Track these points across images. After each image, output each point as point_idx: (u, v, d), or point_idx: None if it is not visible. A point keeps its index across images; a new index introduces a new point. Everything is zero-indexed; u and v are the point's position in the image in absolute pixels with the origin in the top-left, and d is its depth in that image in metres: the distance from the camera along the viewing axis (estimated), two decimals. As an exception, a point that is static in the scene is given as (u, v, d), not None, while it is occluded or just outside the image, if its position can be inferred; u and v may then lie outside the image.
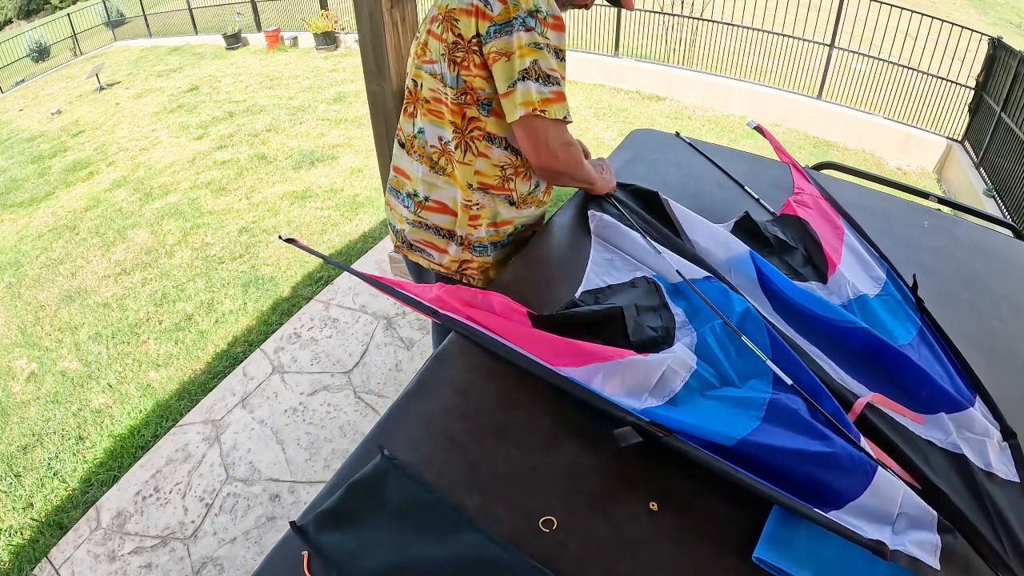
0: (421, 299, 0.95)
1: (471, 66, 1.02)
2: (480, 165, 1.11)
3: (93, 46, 13.94)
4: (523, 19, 0.96)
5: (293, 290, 3.38)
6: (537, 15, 0.97)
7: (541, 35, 0.97)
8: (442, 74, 1.05)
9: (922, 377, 0.89)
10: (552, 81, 0.98)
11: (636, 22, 7.56)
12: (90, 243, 4.55)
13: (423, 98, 1.11)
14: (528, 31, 0.96)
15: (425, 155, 1.14)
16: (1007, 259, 1.30)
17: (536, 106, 0.97)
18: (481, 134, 1.08)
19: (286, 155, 5.59)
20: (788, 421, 0.78)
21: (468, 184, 1.12)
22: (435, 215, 1.18)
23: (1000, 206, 4.93)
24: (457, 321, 0.93)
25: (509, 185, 1.15)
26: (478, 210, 1.15)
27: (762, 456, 0.74)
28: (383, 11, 2.06)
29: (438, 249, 1.21)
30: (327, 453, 2.16)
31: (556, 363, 0.86)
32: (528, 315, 0.94)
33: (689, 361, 0.87)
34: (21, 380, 3.19)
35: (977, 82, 5.75)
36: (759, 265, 1.07)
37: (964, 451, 0.81)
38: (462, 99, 1.05)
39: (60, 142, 7.39)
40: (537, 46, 0.97)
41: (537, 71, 0.97)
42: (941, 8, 10.95)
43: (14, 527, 2.21)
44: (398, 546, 0.68)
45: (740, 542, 0.69)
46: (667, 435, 0.75)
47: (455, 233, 1.17)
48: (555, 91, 0.98)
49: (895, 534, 0.68)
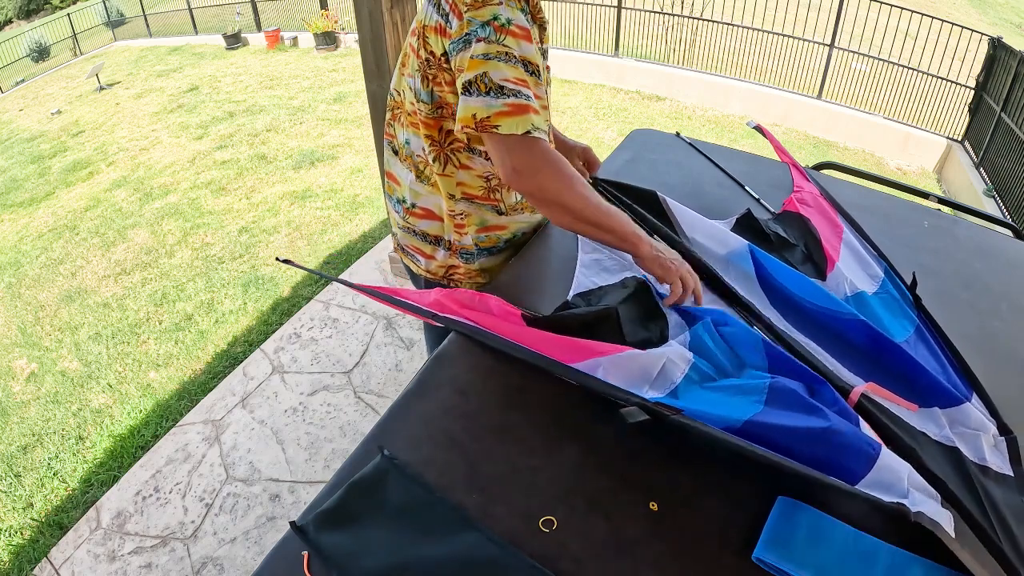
0: (420, 304, 0.96)
1: (443, 83, 0.99)
2: (462, 177, 1.09)
3: (93, 46, 13.94)
4: (476, 32, 0.89)
5: (293, 290, 3.38)
6: (493, 23, 0.89)
7: (498, 43, 0.89)
8: (416, 89, 1.03)
9: (917, 371, 0.90)
10: (506, 93, 0.88)
11: (636, 22, 7.56)
12: (90, 243, 4.55)
13: (406, 110, 1.10)
14: (478, 42, 0.89)
15: (412, 164, 1.13)
16: (1007, 259, 1.30)
17: (481, 121, 0.89)
18: (462, 145, 1.06)
19: (286, 155, 5.59)
20: (790, 402, 0.78)
21: (450, 195, 1.10)
22: (422, 221, 1.17)
23: (1000, 206, 4.93)
24: (458, 322, 0.93)
25: (495, 196, 1.13)
26: (463, 219, 1.13)
27: (769, 436, 0.74)
28: (383, 11, 2.06)
29: (425, 255, 1.21)
30: (327, 453, 2.16)
31: (560, 358, 0.86)
32: (523, 317, 0.94)
33: (687, 355, 0.88)
34: (21, 380, 3.20)
35: (977, 82, 5.75)
36: (757, 259, 1.07)
37: (957, 444, 0.82)
38: (437, 113, 1.03)
39: (60, 142, 7.39)
40: (487, 57, 0.89)
41: (488, 84, 0.88)
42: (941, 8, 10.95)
43: (14, 527, 2.21)
44: (398, 546, 0.68)
45: (740, 542, 0.69)
46: (675, 413, 0.74)
47: (442, 239, 1.17)
48: (510, 104, 0.88)
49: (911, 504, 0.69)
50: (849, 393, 0.86)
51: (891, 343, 0.93)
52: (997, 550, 0.69)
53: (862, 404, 0.84)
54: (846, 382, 0.89)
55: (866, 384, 0.88)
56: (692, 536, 0.70)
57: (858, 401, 0.84)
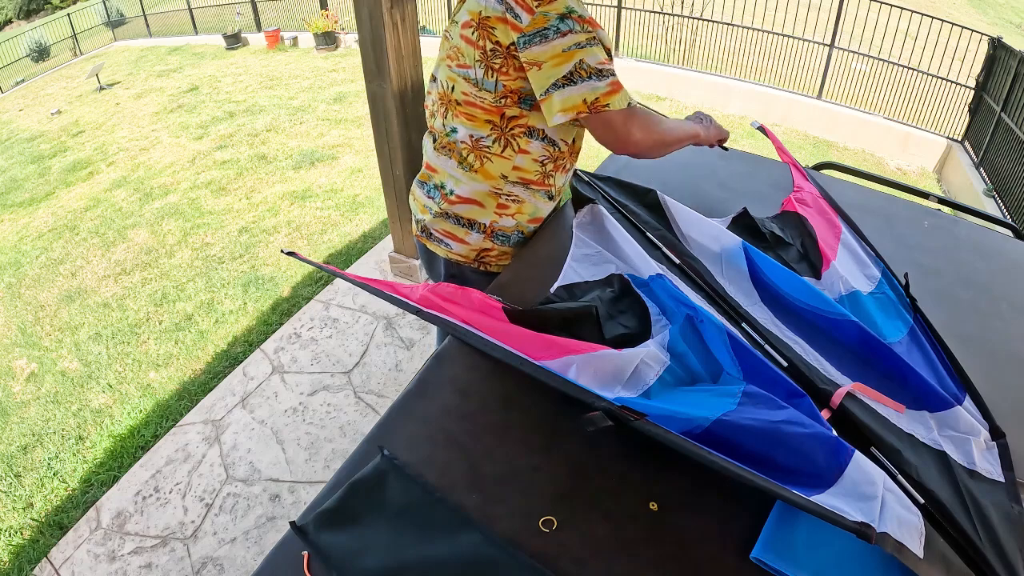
0: (408, 299, 0.96)
1: (510, 70, 1.02)
2: (520, 161, 1.13)
3: (93, 46, 13.94)
4: (556, 26, 0.96)
5: (293, 290, 3.38)
6: (572, 15, 0.96)
7: (583, 31, 0.96)
8: (477, 79, 1.06)
9: (907, 373, 0.89)
10: (605, 74, 0.98)
11: (636, 22, 7.56)
12: (90, 243, 4.55)
13: (455, 100, 1.12)
14: (564, 35, 0.96)
15: (455, 151, 1.16)
16: (1007, 259, 1.30)
17: (593, 104, 0.98)
18: (523, 130, 1.09)
19: (286, 155, 5.59)
20: (764, 403, 0.78)
21: (502, 175, 1.14)
22: (460, 206, 1.20)
23: (1000, 206, 4.93)
24: (440, 318, 0.93)
25: (549, 180, 1.17)
26: (509, 200, 1.17)
27: (739, 438, 0.73)
28: (383, 11, 2.06)
29: (457, 239, 1.24)
30: (327, 453, 2.16)
31: (533, 356, 0.86)
32: (503, 310, 0.94)
33: (663, 357, 0.88)
34: (21, 380, 3.20)
35: (977, 82, 5.75)
36: (751, 256, 1.07)
37: (945, 448, 0.81)
38: (501, 102, 1.06)
39: (60, 142, 7.39)
40: (579, 46, 0.96)
41: (588, 69, 0.97)
42: (941, 8, 10.95)
43: (14, 527, 2.21)
44: (398, 546, 0.68)
45: (740, 542, 0.69)
46: (638, 418, 0.73)
47: (476, 222, 1.20)
48: (611, 83, 0.98)
49: (882, 510, 0.67)
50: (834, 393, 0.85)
51: (881, 344, 0.92)
52: (979, 555, 0.68)
53: (845, 405, 0.84)
54: (833, 380, 0.89)
55: (853, 384, 0.88)
56: (692, 536, 0.70)
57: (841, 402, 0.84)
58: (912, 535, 0.65)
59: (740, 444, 0.73)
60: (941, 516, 0.72)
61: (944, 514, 0.72)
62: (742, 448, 0.73)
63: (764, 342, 0.93)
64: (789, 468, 0.72)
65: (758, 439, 0.73)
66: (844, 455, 0.72)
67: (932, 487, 0.74)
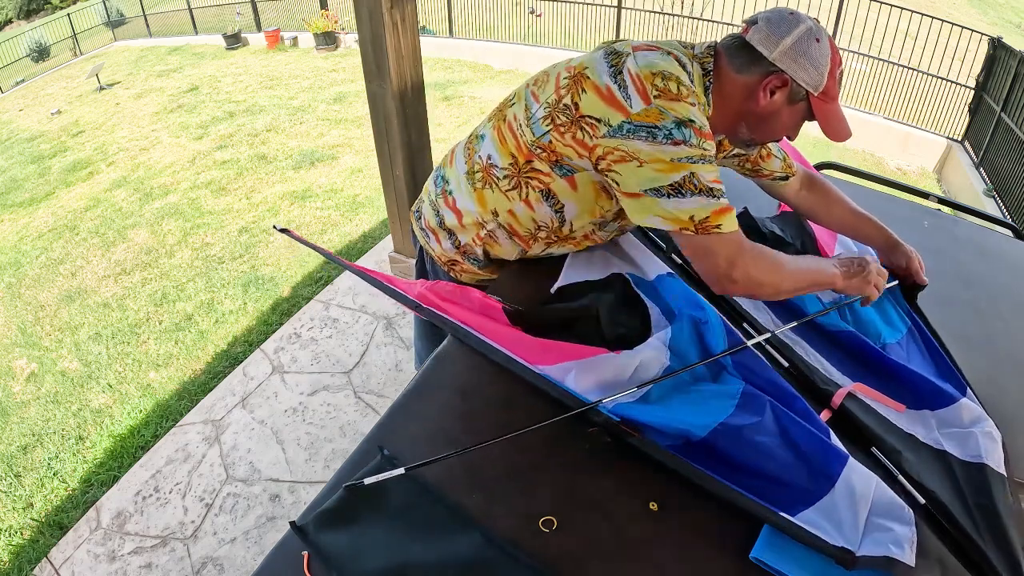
0: (406, 293, 0.95)
1: (568, 136, 0.92)
2: (519, 210, 1.04)
3: (93, 46, 13.94)
4: (669, 131, 0.84)
5: (293, 290, 3.38)
6: (691, 125, 0.85)
7: (699, 147, 0.86)
8: (533, 115, 0.97)
9: (908, 373, 0.90)
10: (715, 194, 0.87)
11: (636, 22, 7.56)
12: (90, 243, 4.55)
13: (504, 114, 1.05)
14: (676, 144, 0.85)
15: (471, 159, 1.09)
16: (1007, 259, 1.31)
17: (702, 222, 0.87)
18: (540, 186, 1.01)
19: (286, 155, 5.59)
20: (762, 405, 0.79)
21: (494, 211, 1.06)
22: (448, 210, 1.15)
23: (1000, 206, 4.93)
24: (437, 315, 0.92)
25: (531, 243, 1.10)
26: (488, 236, 1.10)
27: (733, 450, 0.75)
28: (383, 11, 2.06)
29: (436, 239, 1.21)
30: (327, 453, 2.16)
31: (531, 360, 0.86)
32: (504, 311, 0.94)
33: (663, 358, 0.88)
34: (21, 380, 3.20)
35: (977, 82, 5.75)
36: None
37: (947, 447, 0.81)
38: (536, 150, 0.97)
39: (60, 142, 7.39)
40: (691, 160, 0.85)
41: (699, 185, 0.86)
42: (941, 8, 10.94)
43: (14, 527, 2.21)
44: (398, 546, 0.68)
45: (740, 542, 0.69)
46: (634, 435, 0.75)
47: (454, 235, 1.16)
48: (723, 205, 0.88)
49: (868, 532, 0.68)
50: (834, 393, 0.86)
51: (878, 352, 0.94)
52: (980, 554, 0.68)
53: (846, 406, 0.84)
54: (834, 381, 0.89)
55: (853, 384, 0.88)
56: (692, 536, 0.70)
57: (842, 402, 0.84)
58: (902, 546, 0.66)
59: (733, 455, 0.75)
60: (941, 516, 0.72)
61: (945, 514, 0.72)
62: (735, 459, 0.75)
63: (765, 342, 0.93)
64: (780, 480, 0.73)
65: (752, 450, 0.75)
66: (838, 464, 0.73)
67: (932, 487, 0.74)
